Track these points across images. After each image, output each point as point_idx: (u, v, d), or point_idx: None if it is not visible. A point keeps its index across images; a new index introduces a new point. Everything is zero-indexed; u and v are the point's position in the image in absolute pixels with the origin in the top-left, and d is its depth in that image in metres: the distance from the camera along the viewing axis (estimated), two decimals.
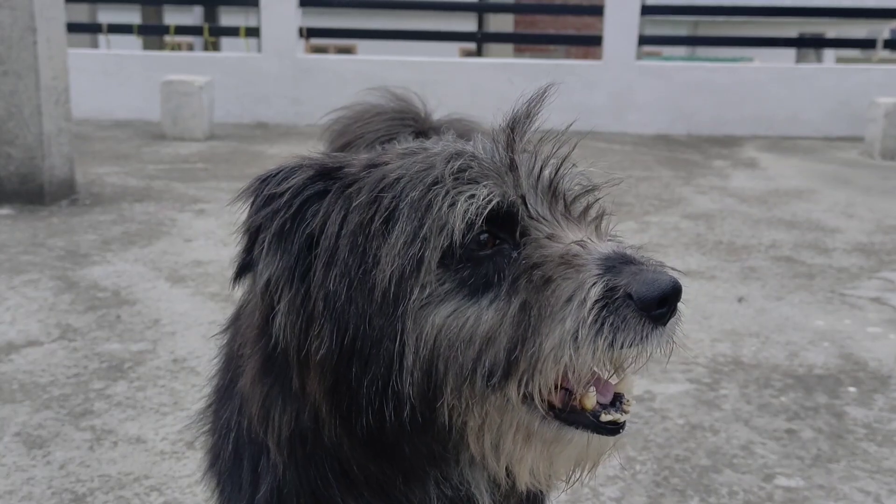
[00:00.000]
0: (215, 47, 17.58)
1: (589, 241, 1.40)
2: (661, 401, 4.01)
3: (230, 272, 1.53)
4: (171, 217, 7.30)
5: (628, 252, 1.40)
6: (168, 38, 18.75)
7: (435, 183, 1.38)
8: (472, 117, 2.46)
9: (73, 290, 5.34)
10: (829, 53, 25.83)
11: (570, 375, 1.33)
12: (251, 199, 1.47)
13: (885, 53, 20.13)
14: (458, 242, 1.35)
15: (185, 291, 5.39)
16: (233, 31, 15.21)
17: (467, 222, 1.35)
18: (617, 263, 1.35)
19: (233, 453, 1.68)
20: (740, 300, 5.50)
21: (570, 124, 1.56)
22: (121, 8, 21.04)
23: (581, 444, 1.39)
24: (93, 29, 15.91)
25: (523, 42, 22.93)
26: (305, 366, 1.42)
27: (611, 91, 13.55)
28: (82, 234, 6.62)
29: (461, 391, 1.35)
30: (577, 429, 1.39)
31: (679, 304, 1.38)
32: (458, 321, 1.34)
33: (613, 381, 1.46)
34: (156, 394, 3.96)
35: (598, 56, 14.21)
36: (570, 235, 1.41)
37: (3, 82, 7.22)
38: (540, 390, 1.33)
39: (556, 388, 1.35)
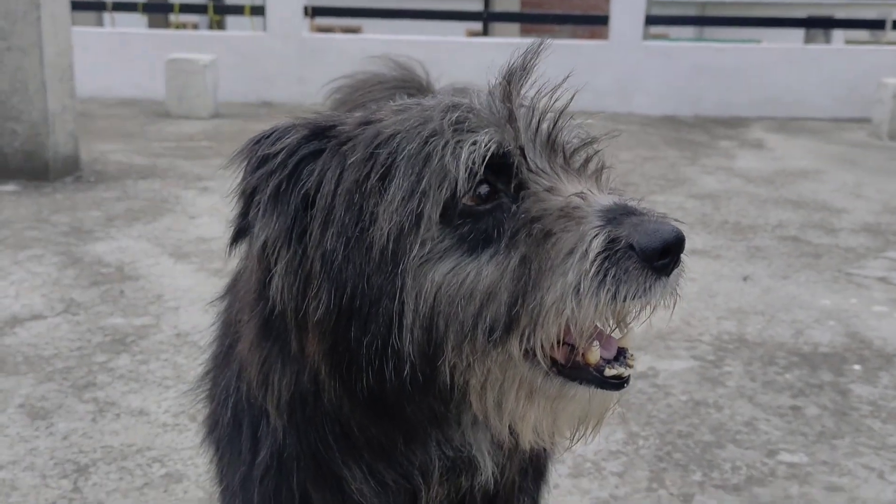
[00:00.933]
0: (220, 26, 17.53)
1: (589, 193, 1.37)
2: (664, 377, 4.00)
3: (227, 240, 1.51)
4: (175, 194, 7.28)
5: (629, 203, 1.37)
6: (173, 18, 18.69)
7: (433, 135, 1.35)
8: (476, 85, 2.43)
9: (77, 265, 5.33)
10: (838, 35, 25.66)
11: (572, 329, 1.30)
12: (245, 162, 1.44)
13: (895, 35, 19.99)
14: (461, 192, 1.32)
15: (188, 267, 5.39)
16: (238, 10, 15.17)
17: (470, 170, 1.32)
18: (618, 215, 1.32)
19: (232, 419, 1.66)
20: (746, 279, 5.48)
21: (567, 76, 1.53)
22: None
23: (585, 399, 1.37)
24: (97, 7, 15.85)
25: (529, 22, 22.84)
26: (304, 327, 1.39)
27: (617, 72, 13.47)
28: (86, 211, 6.62)
29: (462, 348, 1.32)
30: (581, 384, 1.36)
31: (682, 256, 1.34)
32: (458, 277, 1.32)
33: (616, 335, 1.43)
34: (158, 367, 3.96)
35: (604, 36, 14.13)
36: (570, 188, 1.38)
37: (8, 58, 7.20)
38: (542, 345, 1.30)
39: (558, 343, 1.32)
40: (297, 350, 1.43)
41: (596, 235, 1.29)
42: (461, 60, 13.03)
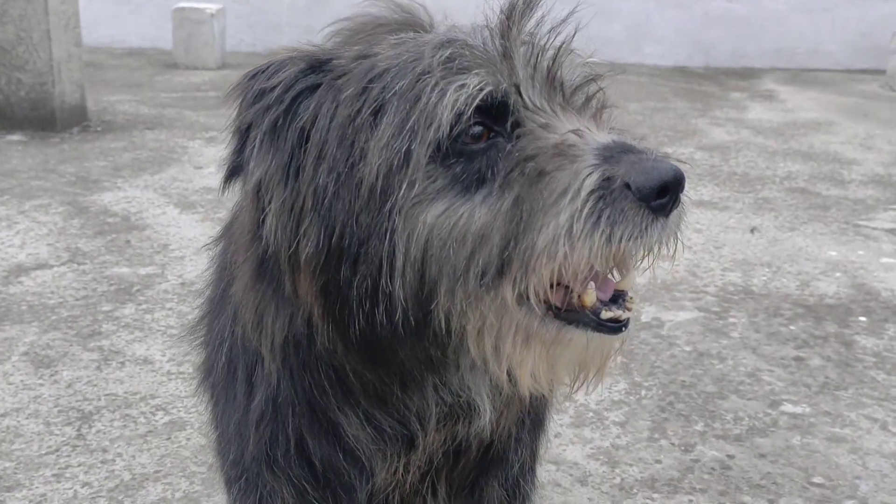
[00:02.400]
0: None
1: (586, 130, 1.32)
2: (668, 328, 3.99)
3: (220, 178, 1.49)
4: (182, 144, 7.26)
5: (628, 141, 1.31)
6: None
7: (424, 73, 1.31)
8: (478, 22, 2.38)
9: (83, 215, 5.33)
10: None
11: (565, 273, 1.26)
12: (240, 97, 1.41)
13: None
14: (445, 135, 1.28)
15: (194, 217, 5.38)
16: None
17: (456, 114, 1.28)
18: (615, 153, 1.27)
19: (226, 364, 1.64)
20: (753, 230, 5.45)
21: (572, 11, 1.48)
22: None
23: (582, 344, 1.33)
24: None
25: None
26: (296, 267, 1.37)
27: (628, 22, 13.29)
28: (93, 161, 6.60)
29: (455, 292, 1.29)
30: (577, 328, 1.32)
31: (683, 196, 1.29)
32: (451, 219, 1.28)
33: (616, 278, 1.38)
34: (163, 316, 3.97)
35: None
36: (568, 125, 1.33)
37: (12, 6, 7.14)
38: (535, 289, 1.27)
39: (553, 286, 1.28)
40: (290, 291, 1.40)
41: (590, 174, 1.25)
42: (466, 4, 12.89)
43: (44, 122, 7.36)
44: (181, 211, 5.50)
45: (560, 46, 1.41)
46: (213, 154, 6.96)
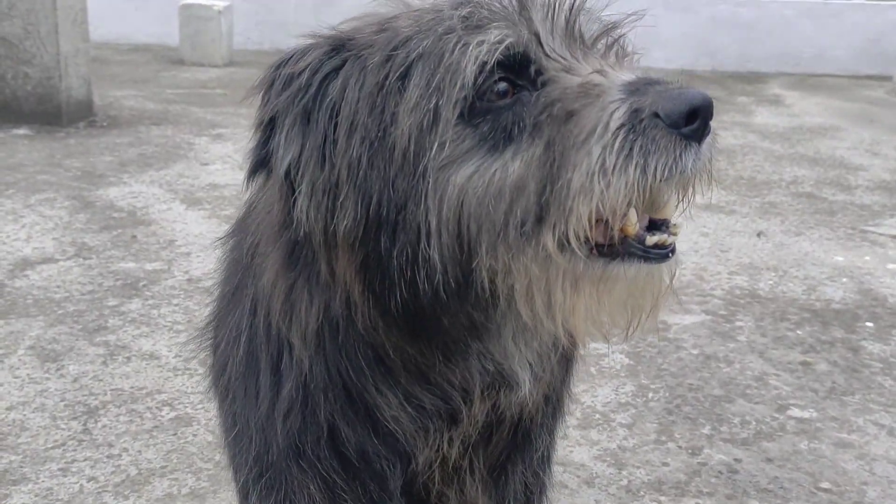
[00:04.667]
0: None
1: (610, 69, 1.32)
2: (675, 331, 3.98)
3: (244, 173, 1.47)
4: (188, 141, 7.26)
5: (653, 77, 1.30)
6: None
7: (446, 33, 1.31)
8: None
9: (89, 209, 5.33)
10: None
11: (603, 209, 1.23)
12: (267, 86, 1.40)
13: None
14: (470, 88, 1.28)
15: (200, 213, 5.38)
16: None
17: (479, 66, 1.28)
18: (641, 86, 1.26)
19: (245, 358, 1.61)
20: (759, 235, 5.44)
21: None
22: None
23: (632, 277, 1.30)
24: None
25: None
26: (333, 246, 1.36)
27: (636, 27, 13.27)
28: (99, 156, 6.60)
29: (496, 247, 1.28)
30: (624, 261, 1.29)
31: (712, 123, 1.27)
32: (484, 178, 1.28)
33: (654, 210, 1.34)
34: (170, 312, 3.97)
35: None
36: (590, 67, 1.32)
37: (20, 1, 7.14)
38: (575, 230, 1.24)
39: (592, 225, 1.25)
40: (326, 273, 1.40)
41: (618, 108, 1.23)
42: None
43: (50, 117, 7.37)
44: (187, 207, 5.49)
45: (575, 1, 1.40)
46: (219, 151, 6.96)
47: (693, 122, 1.22)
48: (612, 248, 1.29)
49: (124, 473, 2.82)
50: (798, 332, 4.05)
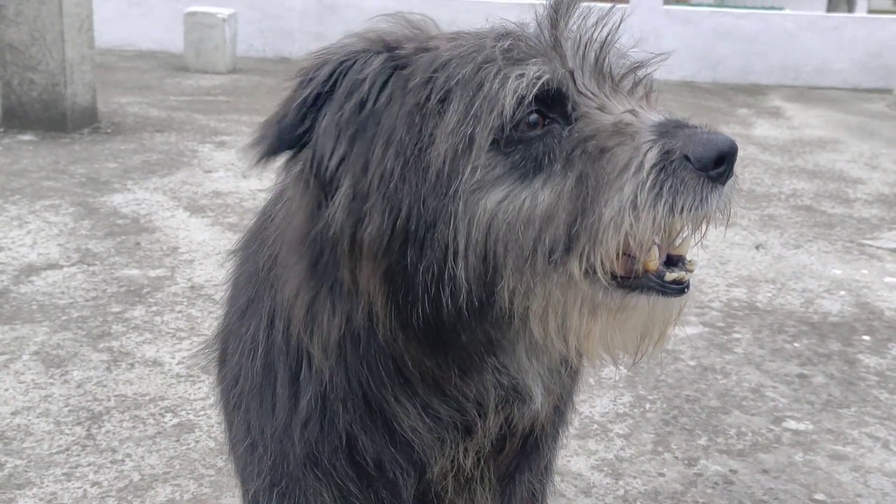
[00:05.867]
0: None
1: (640, 110, 1.39)
2: (673, 342, 4.02)
3: (257, 151, 1.41)
4: (191, 148, 7.30)
5: (680, 119, 1.38)
6: None
7: (486, 62, 1.37)
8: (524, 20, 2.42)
9: (94, 216, 5.37)
10: (862, 4, 25.35)
11: (631, 243, 1.31)
12: (319, 86, 1.41)
13: None
14: (508, 119, 1.34)
15: (203, 221, 5.42)
16: None
17: (518, 99, 1.34)
18: (671, 128, 1.33)
19: (263, 369, 1.64)
20: (758, 247, 5.48)
21: (614, 6, 1.53)
22: None
23: (647, 308, 1.37)
24: None
25: None
26: (359, 255, 1.40)
27: (637, 36, 13.31)
28: (103, 162, 6.65)
29: (523, 272, 1.34)
30: (642, 293, 1.37)
31: (735, 167, 1.35)
32: (514, 205, 1.34)
33: (673, 247, 1.43)
34: (173, 319, 4.00)
35: (624, 0, 14.01)
36: (621, 107, 1.40)
37: (27, 7, 7.20)
38: (602, 261, 1.31)
39: (617, 256, 1.33)
40: (350, 283, 1.43)
41: (650, 148, 1.31)
42: (478, 20, 12.94)
43: (55, 123, 7.42)
44: (191, 214, 5.54)
45: (606, 37, 1.47)
46: (222, 158, 7.01)
47: (720, 165, 1.30)
48: (628, 279, 1.37)
49: (127, 479, 2.86)
50: (795, 344, 4.09)
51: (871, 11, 25.83)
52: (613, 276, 1.36)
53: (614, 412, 3.40)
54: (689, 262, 1.43)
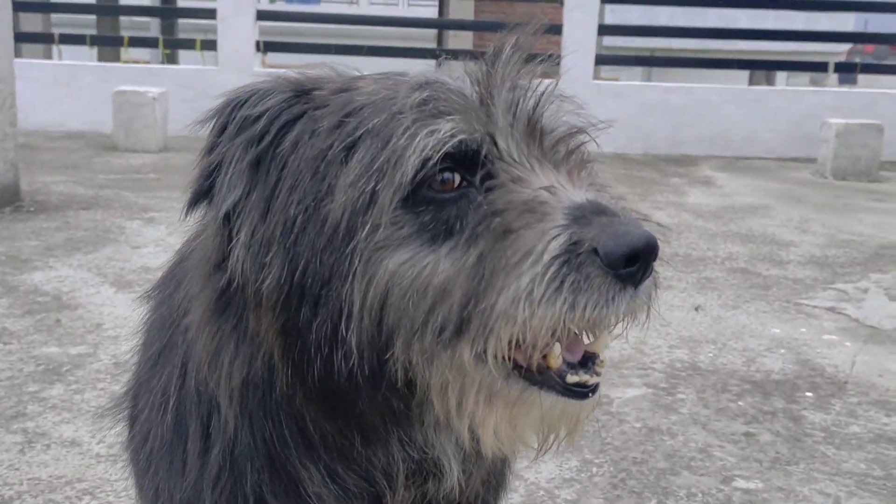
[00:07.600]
0: (172, 60, 17.38)
1: (560, 186, 1.26)
2: (618, 405, 3.92)
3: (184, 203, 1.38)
4: (119, 224, 7.10)
5: (603, 202, 1.24)
6: (124, 54, 18.46)
7: (399, 112, 1.25)
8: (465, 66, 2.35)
9: (12, 294, 5.14)
10: (781, 79, 26.19)
11: (525, 337, 1.18)
12: (220, 128, 1.34)
13: (836, 80, 20.43)
14: (408, 179, 1.22)
15: (130, 296, 5.21)
16: (188, 44, 15.02)
17: (423, 159, 1.22)
18: (587, 213, 1.20)
19: (174, 423, 1.49)
20: (697, 309, 5.45)
21: (549, 55, 1.44)
22: (76, 21, 20.78)
23: (547, 406, 1.25)
24: (45, 39, 15.61)
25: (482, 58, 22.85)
26: (259, 302, 1.29)
27: (576, 101, 13.52)
28: (24, 241, 6.42)
29: (411, 346, 1.22)
30: (542, 390, 1.24)
31: (655, 265, 1.23)
32: (414, 269, 1.21)
33: (586, 340, 1.30)
34: (94, 396, 3.79)
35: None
36: (541, 180, 1.26)
37: None
38: (494, 351, 1.19)
39: (517, 346, 1.20)
40: (253, 327, 1.31)
41: (557, 236, 1.18)
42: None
43: None
44: (117, 290, 5.33)
45: (542, 94, 1.35)
46: (151, 234, 6.82)
47: (632, 265, 1.17)
48: (536, 372, 1.25)
49: None
50: (740, 402, 4.02)
51: (790, 84, 26.69)
52: (516, 365, 1.23)
53: (561, 477, 3.27)
54: (600, 361, 1.29)
